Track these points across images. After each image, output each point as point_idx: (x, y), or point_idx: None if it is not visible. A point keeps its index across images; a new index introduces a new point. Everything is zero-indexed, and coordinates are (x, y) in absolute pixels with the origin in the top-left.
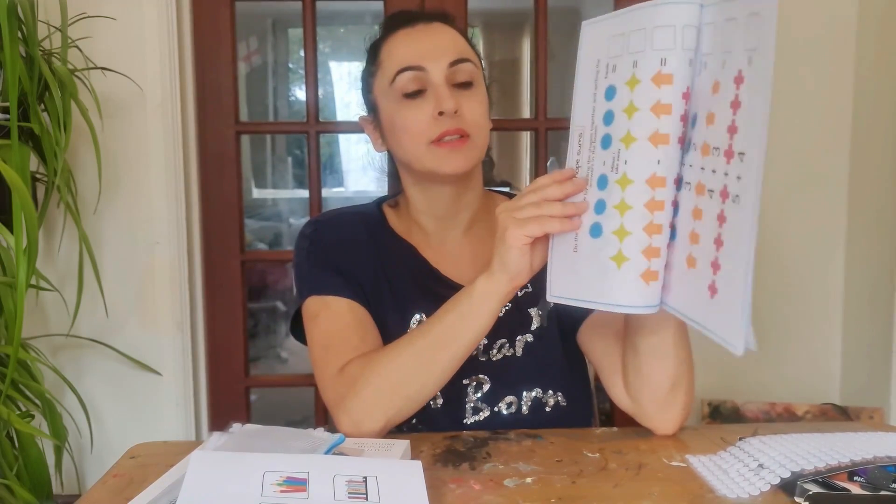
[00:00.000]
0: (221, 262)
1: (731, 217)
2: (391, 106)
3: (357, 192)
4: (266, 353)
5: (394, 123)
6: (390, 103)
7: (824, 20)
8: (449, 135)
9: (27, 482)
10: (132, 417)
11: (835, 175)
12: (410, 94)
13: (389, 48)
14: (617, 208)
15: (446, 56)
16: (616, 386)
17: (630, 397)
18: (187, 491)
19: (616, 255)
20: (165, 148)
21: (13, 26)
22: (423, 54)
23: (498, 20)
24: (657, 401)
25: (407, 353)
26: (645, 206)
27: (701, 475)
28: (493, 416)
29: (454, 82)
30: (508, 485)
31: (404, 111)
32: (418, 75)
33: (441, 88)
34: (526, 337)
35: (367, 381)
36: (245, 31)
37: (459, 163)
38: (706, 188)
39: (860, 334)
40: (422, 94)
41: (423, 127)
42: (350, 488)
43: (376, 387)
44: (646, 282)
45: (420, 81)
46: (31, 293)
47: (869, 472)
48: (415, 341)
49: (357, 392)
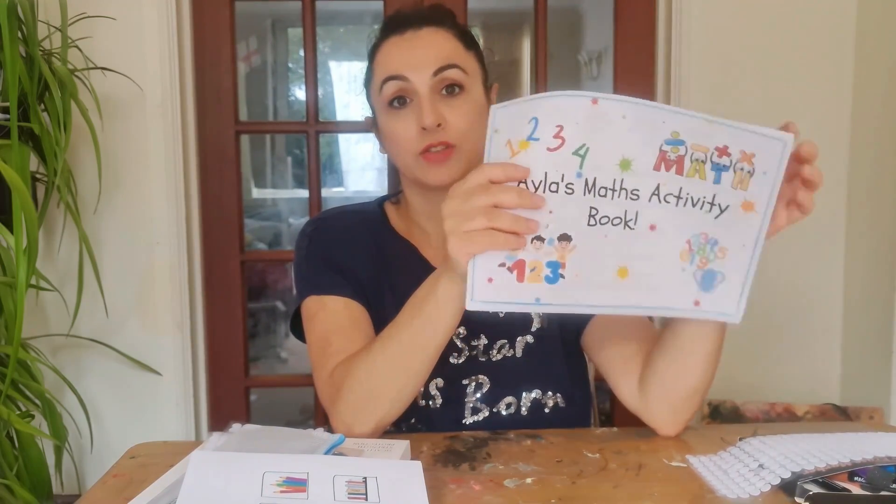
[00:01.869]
0: (221, 262)
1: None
2: (381, 115)
3: (357, 192)
4: (266, 353)
5: (385, 132)
6: (380, 112)
7: (824, 20)
8: (434, 147)
9: (27, 482)
10: (132, 417)
11: (835, 175)
12: (395, 104)
13: (380, 56)
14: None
15: (430, 65)
16: (625, 386)
17: (643, 399)
18: (187, 491)
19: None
20: (165, 148)
21: (13, 26)
22: (407, 64)
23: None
24: (672, 407)
25: (381, 361)
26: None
27: (701, 475)
28: (492, 416)
29: (441, 89)
30: (508, 485)
31: (391, 122)
32: (402, 85)
33: (424, 100)
34: (526, 338)
35: (350, 388)
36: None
37: (443, 176)
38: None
39: (860, 334)
40: (407, 105)
41: (408, 138)
42: (350, 489)
43: (358, 394)
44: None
45: (404, 91)
46: (31, 293)
47: (869, 472)
48: (387, 347)
49: (342, 398)
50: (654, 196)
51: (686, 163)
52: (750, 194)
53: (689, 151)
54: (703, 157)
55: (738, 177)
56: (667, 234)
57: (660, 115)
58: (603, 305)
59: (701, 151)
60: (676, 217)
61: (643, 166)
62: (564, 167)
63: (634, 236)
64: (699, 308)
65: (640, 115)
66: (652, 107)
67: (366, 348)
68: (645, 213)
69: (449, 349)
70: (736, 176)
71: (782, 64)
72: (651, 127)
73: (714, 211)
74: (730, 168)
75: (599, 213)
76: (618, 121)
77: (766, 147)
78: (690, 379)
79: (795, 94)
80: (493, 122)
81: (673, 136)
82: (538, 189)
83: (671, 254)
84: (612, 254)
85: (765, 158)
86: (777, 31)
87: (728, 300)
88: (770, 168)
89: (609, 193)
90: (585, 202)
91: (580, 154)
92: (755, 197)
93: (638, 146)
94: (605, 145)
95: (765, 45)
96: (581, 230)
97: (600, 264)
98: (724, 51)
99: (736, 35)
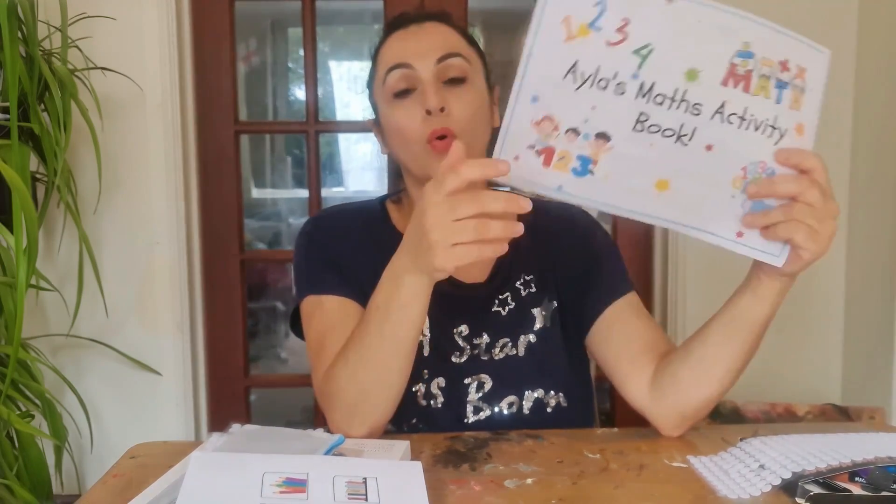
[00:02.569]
0: (221, 261)
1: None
2: (385, 107)
3: (357, 192)
4: (266, 352)
5: (389, 125)
6: (384, 105)
7: (825, 20)
8: (437, 135)
9: (27, 482)
10: (132, 417)
11: (835, 175)
12: (399, 92)
13: (383, 51)
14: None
15: (434, 52)
16: (631, 385)
17: (653, 400)
18: (187, 491)
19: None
20: (165, 148)
21: (13, 26)
22: (411, 52)
23: (498, 20)
24: (684, 414)
25: (362, 369)
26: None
27: (702, 476)
28: (493, 415)
29: (445, 79)
30: (509, 486)
31: (396, 111)
32: (406, 73)
33: (428, 86)
34: (529, 337)
35: (336, 396)
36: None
37: None
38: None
39: (861, 334)
40: (411, 94)
41: (413, 127)
42: (350, 489)
43: (345, 401)
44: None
45: (408, 79)
46: (31, 293)
47: (870, 472)
48: (364, 355)
49: (332, 404)
50: (718, 115)
51: (753, 79)
52: (802, 115)
53: (758, 66)
54: (769, 73)
55: (794, 95)
56: (723, 157)
57: (735, 22)
58: (632, 210)
59: (768, 66)
60: (737, 141)
61: (711, 79)
62: (621, 65)
63: (686, 152)
64: (741, 241)
65: (716, 21)
66: (729, 13)
67: (342, 355)
68: (703, 132)
69: (451, 348)
70: (793, 94)
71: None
72: (725, 36)
73: (775, 136)
74: (788, 85)
75: (650, 120)
76: (693, 25)
77: (814, 60)
78: (708, 389)
79: None
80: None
81: (744, 47)
82: (583, 83)
83: (723, 178)
84: (655, 163)
85: (813, 74)
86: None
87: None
88: (817, 84)
89: (666, 102)
90: (636, 106)
91: (642, 54)
92: (806, 118)
93: (709, 56)
94: (672, 50)
95: None
96: (623, 133)
97: (638, 171)
98: None
99: None
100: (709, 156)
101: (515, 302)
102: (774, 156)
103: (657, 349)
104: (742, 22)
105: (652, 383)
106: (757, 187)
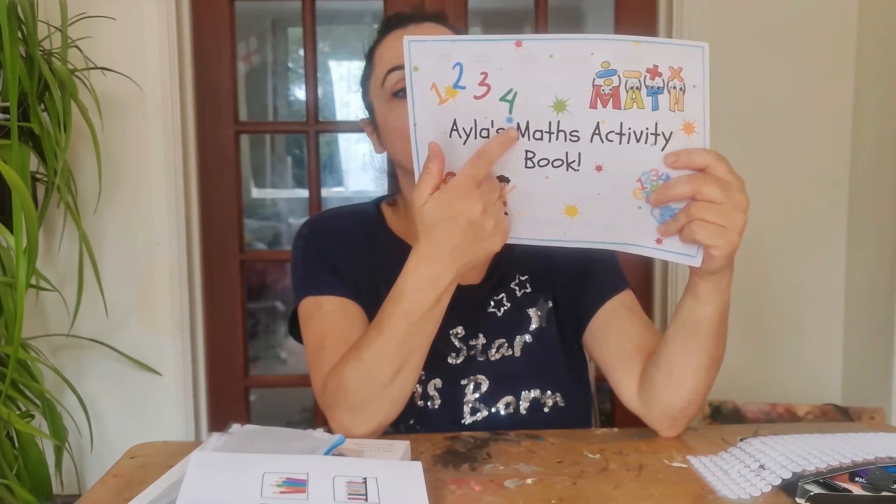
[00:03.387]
0: (221, 261)
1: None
2: (383, 107)
3: (357, 192)
4: (265, 353)
5: (386, 124)
6: (382, 105)
7: (824, 20)
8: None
9: (27, 482)
10: (132, 417)
11: (835, 175)
12: (399, 93)
13: (381, 51)
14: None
15: None
16: (626, 386)
17: (642, 404)
18: (187, 491)
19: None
20: (165, 148)
21: (13, 26)
22: None
23: (498, 20)
24: (671, 416)
25: (376, 367)
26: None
27: (702, 476)
28: (491, 416)
29: None
30: (509, 486)
31: (395, 111)
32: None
33: None
34: (525, 337)
35: (344, 394)
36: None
37: None
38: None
39: (861, 334)
40: None
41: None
42: (350, 489)
43: (354, 399)
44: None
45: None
46: (31, 293)
47: (870, 472)
48: (382, 357)
49: (337, 402)
50: (596, 136)
51: (622, 93)
52: (688, 114)
53: (623, 80)
54: (637, 84)
55: (674, 97)
56: (616, 174)
57: (587, 46)
58: (555, 239)
59: (634, 77)
60: (622, 156)
61: (579, 105)
62: (493, 113)
63: (580, 177)
64: (661, 247)
65: (567, 51)
66: (578, 40)
67: (354, 353)
68: (588, 155)
69: (447, 349)
70: (671, 96)
71: (784, 63)
72: (581, 62)
73: (659, 142)
74: (664, 89)
75: (537, 155)
76: (545, 61)
77: (688, 57)
78: (683, 391)
79: (796, 93)
80: (409, 58)
81: (604, 66)
82: (468, 136)
83: (624, 193)
84: (557, 193)
85: (691, 71)
86: (778, 30)
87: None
88: (697, 80)
89: (545, 136)
90: (520, 146)
91: (508, 100)
92: (692, 116)
93: (570, 85)
94: (534, 88)
95: (766, 44)
96: (518, 172)
97: (544, 203)
98: (725, 51)
99: (737, 36)
100: (602, 175)
101: (511, 303)
102: (664, 160)
103: (646, 350)
104: (595, 44)
105: (639, 386)
106: (656, 195)
